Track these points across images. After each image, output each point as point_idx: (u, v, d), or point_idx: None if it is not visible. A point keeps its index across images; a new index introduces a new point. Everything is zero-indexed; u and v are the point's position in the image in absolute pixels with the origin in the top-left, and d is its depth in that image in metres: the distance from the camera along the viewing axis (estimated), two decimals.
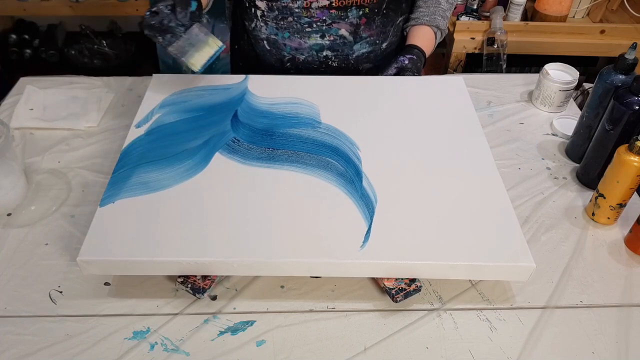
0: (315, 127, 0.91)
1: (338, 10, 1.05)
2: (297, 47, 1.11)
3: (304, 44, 1.10)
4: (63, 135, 1.03)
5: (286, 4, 1.05)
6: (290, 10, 1.05)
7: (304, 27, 1.07)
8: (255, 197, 0.78)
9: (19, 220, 0.86)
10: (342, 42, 1.10)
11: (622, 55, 0.89)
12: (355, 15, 1.07)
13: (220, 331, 0.72)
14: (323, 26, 1.07)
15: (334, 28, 1.08)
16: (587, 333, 0.73)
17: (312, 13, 1.05)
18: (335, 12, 1.05)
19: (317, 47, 1.11)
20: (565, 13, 1.69)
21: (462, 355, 0.70)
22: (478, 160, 0.86)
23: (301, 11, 1.05)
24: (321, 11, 1.05)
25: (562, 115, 1.10)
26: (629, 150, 0.80)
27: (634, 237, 0.84)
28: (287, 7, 1.05)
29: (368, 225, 0.74)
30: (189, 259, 0.70)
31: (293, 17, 1.06)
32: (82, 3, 2.05)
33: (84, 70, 2.22)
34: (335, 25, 1.07)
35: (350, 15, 1.06)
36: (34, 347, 0.70)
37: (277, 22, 1.08)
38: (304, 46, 1.10)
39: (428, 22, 1.11)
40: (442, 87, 1.03)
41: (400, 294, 0.73)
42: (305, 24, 1.07)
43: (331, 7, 1.04)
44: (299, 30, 1.08)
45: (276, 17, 1.07)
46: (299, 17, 1.06)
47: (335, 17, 1.06)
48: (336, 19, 1.07)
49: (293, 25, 1.07)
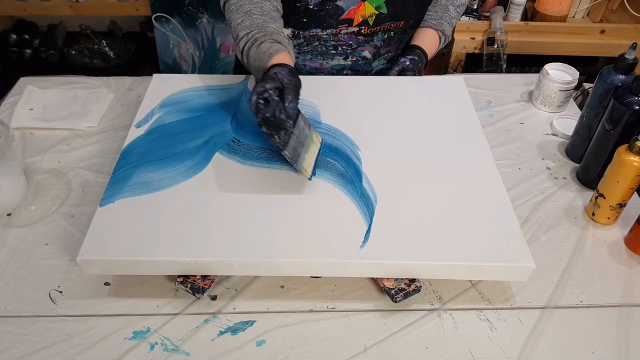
0: (315, 127, 0.91)
1: (365, 36, 1.06)
2: (318, 67, 1.11)
3: (326, 64, 1.10)
4: (63, 135, 1.03)
5: (315, 33, 1.04)
6: (318, 37, 1.05)
7: (329, 49, 1.07)
8: (255, 197, 0.78)
9: (19, 220, 0.86)
10: (363, 62, 1.11)
11: (622, 55, 0.89)
12: (380, 38, 1.07)
13: (220, 331, 0.72)
14: (348, 50, 1.07)
15: (358, 50, 1.08)
16: (587, 333, 0.73)
17: (339, 37, 1.05)
18: (363, 38, 1.06)
19: (339, 67, 1.11)
20: (565, 13, 1.69)
21: (462, 355, 0.70)
22: (478, 160, 0.86)
23: (329, 37, 1.04)
24: (349, 36, 1.04)
25: (562, 115, 1.10)
26: (629, 150, 0.80)
27: (634, 237, 0.84)
28: (315, 36, 1.04)
29: (368, 225, 0.74)
30: (189, 259, 0.70)
31: (320, 42, 1.05)
32: (82, 3, 2.05)
33: (84, 70, 2.22)
34: (359, 49, 1.08)
35: (375, 39, 1.07)
36: (34, 347, 0.70)
37: (301, 48, 1.07)
38: (325, 66, 1.10)
39: (434, 25, 1.11)
40: (442, 87, 1.03)
41: (400, 294, 0.73)
42: (330, 47, 1.06)
43: (360, 33, 1.04)
44: (323, 53, 1.08)
45: (300, 44, 1.06)
46: (326, 41, 1.05)
47: (362, 42, 1.07)
48: (362, 43, 1.07)
49: (317, 49, 1.07)
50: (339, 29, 1.03)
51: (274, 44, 0.85)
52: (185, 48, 2.11)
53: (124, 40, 2.38)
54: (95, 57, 2.32)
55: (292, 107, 0.75)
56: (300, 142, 0.76)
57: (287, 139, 0.74)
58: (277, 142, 0.73)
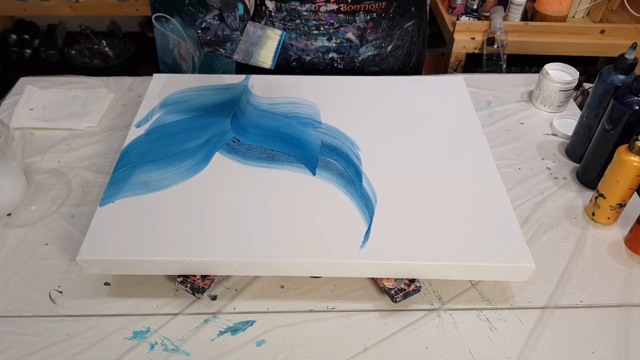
0: (316, 127, 0.91)
1: (346, 15, 1.05)
2: (304, 49, 1.11)
3: (311, 45, 1.10)
4: (63, 135, 1.03)
5: (294, 7, 1.04)
6: (298, 13, 1.05)
7: (311, 29, 1.07)
8: (255, 197, 0.78)
9: (19, 220, 0.86)
10: (348, 45, 1.11)
11: (622, 55, 0.89)
12: (363, 19, 1.07)
13: (220, 331, 0.72)
14: (330, 29, 1.07)
15: (341, 31, 1.08)
16: (587, 333, 0.73)
17: (320, 16, 1.05)
18: (343, 17, 1.05)
19: (324, 49, 1.11)
20: (565, 13, 1.69)
21: (462, 355, 0.70)
22: (478, 160, 0.86)
23: (309, 14, 1.05)
24: (329, 15, 1.05)
25: (562, 115, 1.10)
26: (629, 150, 0.80)
27: (634, 237, 0.84)
28: (295, 10, 1.05)
29: (368, 225, 0.74)
30: (189, 259, 0.70)
31: (301, 19, 1.06)
32: (82, 3, 2.05)
33: (84, 70, 2.22)
34: (342, 29, 1.08)
35: (357, 20, 1.07)
36: (34, 347, 0.70)
37: (285, 23, 1.08)
38: (311, 48, 1.11)
39: None
40: (442, 87, 1.03)
41: (399, 294, 0.73)
42: (312, 27, 1.07)
43: (339, 11, 1.04)
44: (306, 33, 1.08)
45: (284, 18, 1.07)
46: (307, 19, 1.06)
47: (343, 21, 1.06)
48: (344, 23, 1.07)
49: (300, 27, 1.07)
50: (318, 5, 1.03)
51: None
52: (185, 48, 2.11)
53: (124, 40, 2.38)
54: (95, 57, 2.32)
55: (232, 22, 0.81)
56: (253, 42, 0.85)
57: (235, 47, 0.83)
58: (223, 52, 0.83)
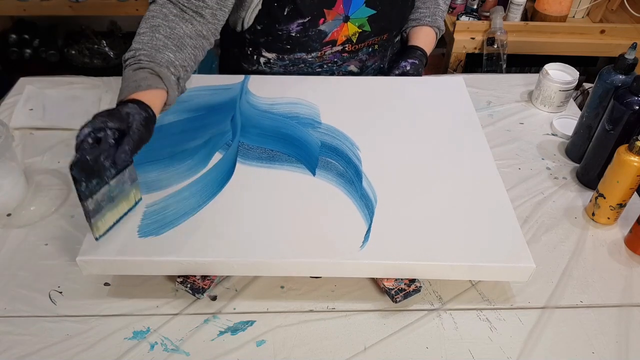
0: (315, 127, 0.91)
1: (350, 53, 1.05)
2: None
3: None
4: (63, 136, 1.03)
5: (300, 57, 1.03)
6: (303, 60, 1.04)
7: (315, 69, 1.06)
8: (255, 197, 0.78)
9: (19, 220, 0.86)
10: (349, 74, 1.10)
11: (622, 55, 0.89)
12: (365, 52, 1.07)
13: (220, 331, 0.72)
14: (334, 67, 1.07)
15: (344, 66, 1.08)
16: (587, 333, 0.73)
17: (325, 57, 1.04)
18: (347, 55, 1.05)
19: None
20: (565, 13, 1.69)
21: (462, 355, 0.70)
22: (478, 160, 0.86)
23: (314, 59, 1.04)
24: (334, 55, 1.04)
25: (562, 115, 1.10)
26: (629, 150, 0.80)
27: (634, 237, 0.84)
28: (300, 58, 1.03)
29: (368, 225, 0.74)
30: (189, 259, 0.70)
31: (305, 64, 1.05)
32: (82, 3, 2.05)
33: (84, 70, 2.22)
34: (345, 64, 1.07)
35: (360, 54, 1.07)
36: (34, 347, 0.70)
37: (287, 68, 1.06)
38: None
39: (430, 23, 1.11)
40: (442, 87, 1.03)
41: (399, 295, 0.73)
42: (316, 67, 1.06)
43: (344, 51, 1.04)
44: (309, 73, 1.07)
45: (286, 65, 1.05)
46: (312, 63, 1.05)
47: (347, 59, 1.06)
48: (347, 60, 1.07)
49: (303, 70, 1.06)
50: (324, 51, 1.03)
51: (152, 77, 0.75)
52: None
53: (124, 40, 2.38)
54: (95, 57, 2.32)
55: (123, 158, 0.65)
56: (111, 197, 0.68)
57: (97, 189, 0.65)
58: (82, 190, 0.63)
